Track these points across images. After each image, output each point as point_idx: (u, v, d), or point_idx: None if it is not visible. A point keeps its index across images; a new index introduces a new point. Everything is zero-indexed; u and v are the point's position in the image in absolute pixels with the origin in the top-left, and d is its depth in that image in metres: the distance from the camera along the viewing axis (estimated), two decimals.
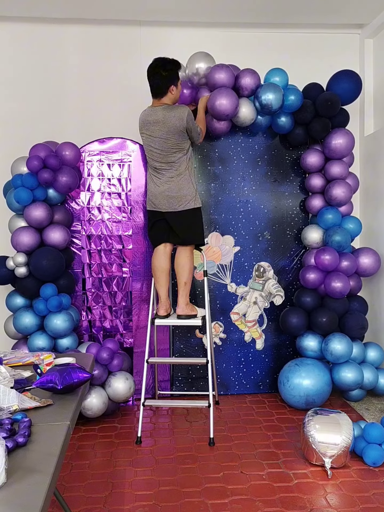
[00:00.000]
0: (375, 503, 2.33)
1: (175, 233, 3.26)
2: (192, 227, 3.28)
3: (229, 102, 3.38)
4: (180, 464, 2.74)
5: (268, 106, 3.47)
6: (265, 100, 3.46)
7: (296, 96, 3.55)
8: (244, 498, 2.39)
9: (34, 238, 3.31)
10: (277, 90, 3.47)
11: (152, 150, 3.21)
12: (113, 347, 3.33)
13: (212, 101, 3.41)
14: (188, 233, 3.27)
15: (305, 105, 3.61)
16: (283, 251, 3.88)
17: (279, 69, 3.62)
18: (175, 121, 3.10)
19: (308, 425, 2.68)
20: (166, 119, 3.11)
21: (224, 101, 3.38)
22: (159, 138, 3.15)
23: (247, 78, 3.51)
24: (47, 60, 3.98)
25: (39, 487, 1.16)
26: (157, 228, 3.31)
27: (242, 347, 3.84)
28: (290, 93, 3.56)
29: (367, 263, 3.68)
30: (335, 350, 3.35)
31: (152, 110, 3.20)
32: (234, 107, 3.42)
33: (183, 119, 3.11)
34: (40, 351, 3.16)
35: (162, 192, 3.21)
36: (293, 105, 3.56)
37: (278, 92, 3.46)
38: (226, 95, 3.38)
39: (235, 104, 3.42)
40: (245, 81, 3.51)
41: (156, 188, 3.24)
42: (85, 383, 1.81)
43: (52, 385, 1.72)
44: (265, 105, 3.47)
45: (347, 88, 3.61)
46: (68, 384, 1.72)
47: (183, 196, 3.20)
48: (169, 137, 3.13)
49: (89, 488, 2.51)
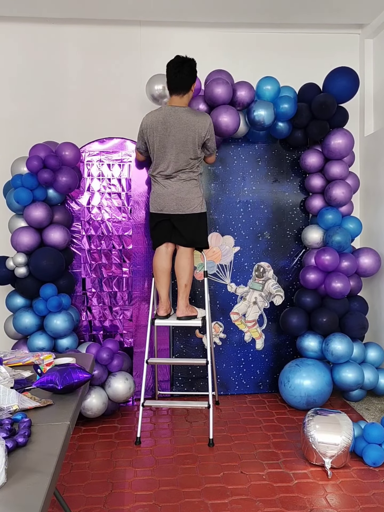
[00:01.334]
0: (375, 503, 2.33)
1: (180, 234, 3.21)
2: (198, 231, 3.26)
3: (233, 122, 3.41)
4: (180, 464, 2.74)
5: (260, 123, 3.48)
6: (257, 117, 3.47)
7: (289, 104, 3.51)
8: (244, 498, 2.39)
9: (34, 238, 3.31)
10: (268, 106, 3.47)
11: (165, 152, 3.10)
12: (113, 347, 3.33)
13: (215, 119, 3.39)
14: (194, 236, 3.24)
15: (300, 109, 3.58)
16: (283, 251, 3.88)
17: (270, 78, 3.56)
18: (199, 128, 3.07)
19: (308, 425, 2.67)
20: (190, 123, 3.06)
21: (228, 120, 3.39)
22: (178, 140, 3.06)
23: (243, 92, 3.49)
24: (47, 60, 3.98)
25: (39, 487, 1.16)
26: (160, 228, 3.27)
27: (242, 347, 3.84)
28: (283, 101, 3.52)
29: (367, 263, 3.68)
30: (336, 350, 3.35)
31: (172, 110, 3.09)
32: (237, 126, 3.46)
33: (206, 128, 3.09)
34: (40, 351, 3.16)
35: (172, 193, 3.15)
36: (287, 113, 3.53)
37: (269, 108, 3.46)
38: (230, 114, 3.40)
39: (237, 123, 3.45)
40: (241, 95, 3.49)
41: (165, 190, 3.17)
42: (85, 383, 1.81)
43: (52, 385, 1.72)
44: (258, 121, 3.48)
45: (344, 86, 3.55)
46: (68, 384, 1.72)
47: (191, 199, 3.17)
48: (189, 142, 3.07)
49: (89, 488, 2.51)
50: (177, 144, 3.08)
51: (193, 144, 3.10)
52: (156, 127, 3.11)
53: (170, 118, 3.08)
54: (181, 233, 3.21)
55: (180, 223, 3.20)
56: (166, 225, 3.25)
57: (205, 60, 3.91)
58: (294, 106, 3.53)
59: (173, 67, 3.09)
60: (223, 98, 3.43)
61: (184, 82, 3.10)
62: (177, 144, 3.08)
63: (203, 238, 3.33)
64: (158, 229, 3.28)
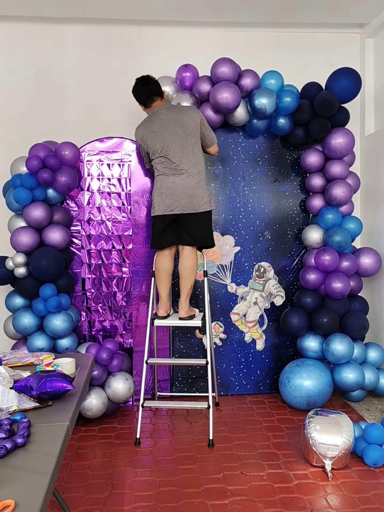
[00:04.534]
0: (376, 504, 2.32)
1: (188, 233, 3.17)
2: (207, 229, 3.25)
3: (233, 98, 3.39)
4: (180, 465, 2.73)
5: (262, 111, 3.47)
6: (258, 105, 3.46)
7: (292, 97, 3.53)
8: (244, 499, 2.38)
9: (34, 238, 3.31)
10: (271, 94, 3.46)
11: (168, 148, 3.11)
12: (112, 348, 3.32)
13: (215, 94, 3.41)
14: (202, 234, 3.21)
15: (302, 105, 3.59)
16: (284, 251, 3.87)
17: (274, 72, 3.58)
18: (191, 113, 3.15)
19: (309, 426, 2.67)
20: (183, 111, 3.16)
21: (228, 95, 3.38)
22: (175, 132, 3.12)
23: (248, 79, 3.51)
24: (47, 59, 3.98)
25: (38, 487, 1.16)
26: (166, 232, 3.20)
27: (242, 348, 3.83)
28: (285, 95, 3.54)
29: (367, 263, 3.67)
30: (336, 351, 3.34)
31: (160, 110, 3.20)
32: (236, 103, 3.44)
33: (198, 115, 3.17)
34: (39, 351, 3.15)
35: (183, 187, 3.11)
36: (289, 107, 3.55)
37: (272, 97, 3.45)
38: (230, 89, 3.39)
39: (238, 100, 3.43)
40: (245, 82, 3.51)
41: (175, 183, 3.12)
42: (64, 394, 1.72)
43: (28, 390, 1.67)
44: (259, 109, 3.47)
45: (346, 86, 3.56)
46: (43, 392, 1.66)
47: (201, 196, 3.15)
48: (186, 130, 3.13)
49: (88, 488, 2.50)
50: (176, 136, 3.13)
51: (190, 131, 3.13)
52: (152, 129, 3.18)
53: (162, 116, 3.18)
54: (189, 232, 3.17)
55: (190, 221, 3.16)
56: (172, 227, 3.20)
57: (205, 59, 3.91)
58: (296, 100, 3.55)
59: (139, 84, 3.27)
60: (228, 76, 3.44)
61: (155, 87, 3.25)
62: (176, 135, 3.13)
63: (211, 236, 3.31)
64: (164, 233, 3.21)
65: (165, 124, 3.14)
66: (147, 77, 3.28)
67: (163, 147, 3.14)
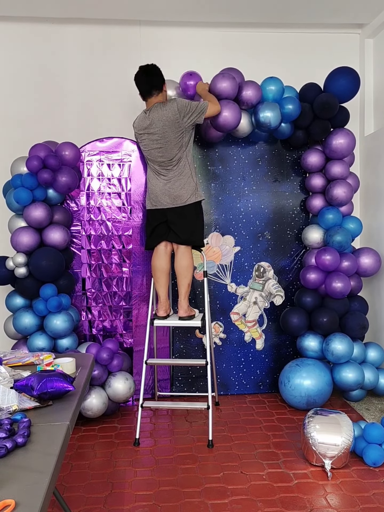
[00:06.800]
0: (375, 503, 2.33)
1: (175, 233, 3.23)
2: (192, 226, 3.26)
3: (233, 117, 3.38)
4: (180, 464, 2.73)
5: (267, 124, 3.47)
6: (263, 118, 3.45)
7: (294, 105, 3.51)
8: (244, 498, 2.38)
9: (34, 238, 3.31)
10: (275, 107, 3.45)
11: (151, 150, 3.21)
12: (113, 347, 3.32)
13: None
14: (188, 234, 3.24)
15: (303, 110, 3.57)
16: (284, 251, 3.88)
17: (273, 78, 3.55)
18: (169, 114, 3.12)
19: (308, 426, 2.67)
20: (160, 116, 3.13)
21: (228, 114, 3.36)
22: (157, 135, 3.15)
23: (250, 91, 3.46)
24: (47, 60, 3.98)
25: (38, 487, 1.16)
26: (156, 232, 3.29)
27: (242, 347, 3.84)
28: (287, 102, 3.52)
29: (367, 263, 3.67)
30: (336, 350, 3.35)
31: (144, 114, 3.23)
32: (237, 122, 3.43)
33: (175, 109, 3.13)
34: (40, 351, 3.15)
35: (165, 190, 3.21)
36: (292, 114, 3.53)
37: (276, 110, 3.45)
38: (230, 109, 3.37)
39: (238, 119, 3.42)
40: (247, 94, 3.46)
41: (158, 186, 3.24)
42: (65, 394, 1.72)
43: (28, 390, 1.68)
44: (264, 123, 3.46)
45: (345, 85, 3.55)
46: (43, 392, 1.66)
47: (184, 193, 3.20)
48: (166, 132, 3.12)
49: (89, 488, 2.51)
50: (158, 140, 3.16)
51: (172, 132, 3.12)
52: (140, 134, 3.26)
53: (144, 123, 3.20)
54: (175, 231, 3.22)
55: (175, 217, 3.22)
56: (162, 225, 3.26)
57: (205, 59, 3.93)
58: (298, 107, 3.52)
59: (139, 75, 3.25)
60: (228, 93, 3.41)
61: (155, 81, 3.22)
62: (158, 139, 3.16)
63: (198, 235, 3.31)
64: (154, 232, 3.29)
65: (151, 129, 3.17)
66: (150, 68, 3.24)
67: (149, 151, 3.23)
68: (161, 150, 3.17)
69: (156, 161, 3.22)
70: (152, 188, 3.28)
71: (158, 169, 3.24)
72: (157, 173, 3.25)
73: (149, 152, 3.24)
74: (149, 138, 3.20)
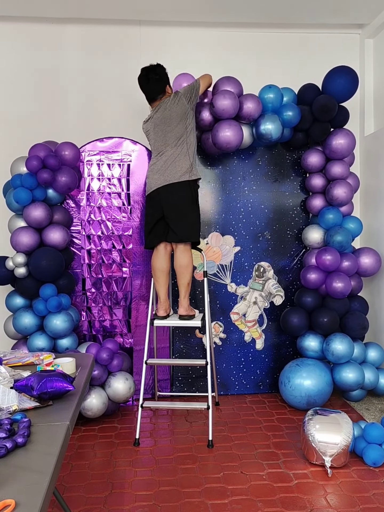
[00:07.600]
0: (375, 503, 2.33)
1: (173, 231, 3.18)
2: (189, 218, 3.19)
3: (235, 138, 3.40)
4: (180, 465, 2.73)
5: (268, 136, 3.47)
6: (264, 130, 3.46)
7: (294, 111, 3.50)
8: (244, 498, 2.38)
9: (34, 238, 3.31)
10: (276, 120, 3.45)
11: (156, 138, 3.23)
12: (112, 347, 3.32)
13: (217, 135, 3.40)
14: (185, 227, 3.18)
15: (302, 114, 3.56)
16: (283, 251, 3.88)
17: (271, 86, 3.53)
18: (179, 111, 3.15)
19: (308, 425, 2.67)
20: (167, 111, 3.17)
21: (230, 134, 3.38)
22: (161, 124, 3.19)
23: (250, 104, 3.45)
24: (47, 59, 3.98)
25: (38, 487, 1.16)
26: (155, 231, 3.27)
27: (242, 347, 3.84)
28: (287, 109, 3.51)
29: (367, 263, 3.67)
30: (337, 350, 3.35)
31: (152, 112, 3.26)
32: (239, 142, 3.44)
33: (184, 103, 3.16)
34: (39, 351, 3.15)
35: (159, 168, 3.19)
36: (292, 121, 3.53)
37: (277, 122, 3.45)
38: (232, 131, 3.38)
39: (240, 139, 3.44)
40: (248, 108, 3.45)
41: (155, 166, 3.22)
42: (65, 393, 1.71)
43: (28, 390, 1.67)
44: (265, 135, 3.47)
45: (343, 85, 3.54)
46: (43, 392, 1.66)
47: (178, 170, 3.15)
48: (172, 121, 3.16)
49: (89, 488, 2.51)
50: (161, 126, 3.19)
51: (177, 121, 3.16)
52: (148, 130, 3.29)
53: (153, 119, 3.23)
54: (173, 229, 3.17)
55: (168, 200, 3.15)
56: (160, 222, 3.23)
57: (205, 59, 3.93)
58: (298, 114, 3.52)
59: (142, 81, 3.27)
60: (229, 114, 3.40)
61: (156, 87, 3.25)
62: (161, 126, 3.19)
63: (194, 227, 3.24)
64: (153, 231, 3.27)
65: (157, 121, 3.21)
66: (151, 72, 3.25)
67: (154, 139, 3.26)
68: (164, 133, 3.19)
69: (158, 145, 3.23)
70: (151, 170, 3.25)
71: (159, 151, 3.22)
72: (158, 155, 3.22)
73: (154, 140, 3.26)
74: (154, 132, 3.24)
